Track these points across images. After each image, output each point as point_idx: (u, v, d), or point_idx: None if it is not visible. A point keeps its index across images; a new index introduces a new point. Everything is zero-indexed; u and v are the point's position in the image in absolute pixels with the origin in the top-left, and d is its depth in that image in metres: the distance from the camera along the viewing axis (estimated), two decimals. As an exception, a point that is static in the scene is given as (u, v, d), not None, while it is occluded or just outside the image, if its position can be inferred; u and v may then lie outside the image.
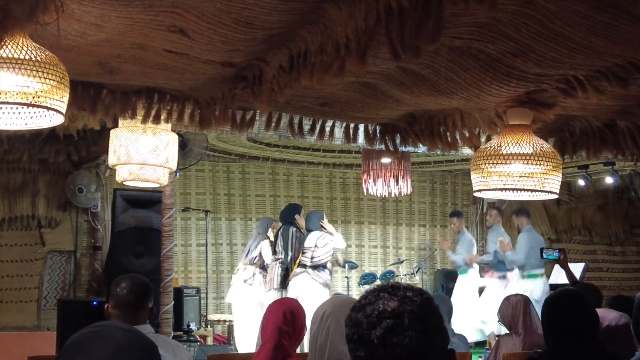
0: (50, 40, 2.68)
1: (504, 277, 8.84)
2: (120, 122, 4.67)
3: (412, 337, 1.43)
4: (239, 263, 8.55)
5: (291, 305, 3.20)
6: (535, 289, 8.29)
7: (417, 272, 10.19)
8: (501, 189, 3.71)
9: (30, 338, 6.93)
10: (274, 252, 8.09)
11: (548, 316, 2.95)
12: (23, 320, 7.85)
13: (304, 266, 7.83)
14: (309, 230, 8.05)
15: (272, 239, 8.21)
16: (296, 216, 8.25)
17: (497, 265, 8.95)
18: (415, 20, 2.34)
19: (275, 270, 7.94)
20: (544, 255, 6.26)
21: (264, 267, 8.15)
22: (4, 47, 2.46)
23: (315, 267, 7.83)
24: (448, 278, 10.17)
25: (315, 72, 2.92)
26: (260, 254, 8.13)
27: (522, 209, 9.12)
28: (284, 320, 3.09)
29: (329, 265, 8.01)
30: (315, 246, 7.85)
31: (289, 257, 7.94)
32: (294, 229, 8.12)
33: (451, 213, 10.03)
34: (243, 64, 3.33)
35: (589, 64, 3.08)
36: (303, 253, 7.87)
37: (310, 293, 7.49)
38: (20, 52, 2.48)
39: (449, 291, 9.50)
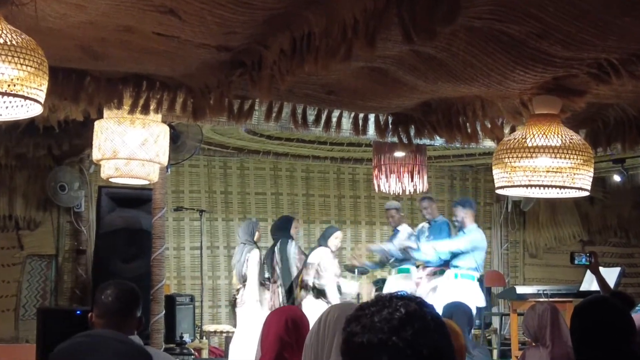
0: (27, 22, 2.69)
1: (442, 272, 8.52)
2: (106, 112, 4.69)
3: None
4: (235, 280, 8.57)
5: (294, 314, 3.21)
6: (470, 291, 8.11)
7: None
8: (526, 186, 3.71)
9: (8, 351, 6.97)
10: (271, 270, 8.06)
11: (578, 325, 2.95)
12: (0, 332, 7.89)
13: (306, 287, 7.82)
14: (318, 244, 8.12)
15: (258, 245, 8.23)
16: (294, 222, 8.29)
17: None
18: (430, -1, 2.35)
19: (278, 293, 7.94)
20: (575, 261, 6.14)
21: (262, 284, 8.10)
22: (-23, 30, 2.48)
23: (319, 292, 7.80)
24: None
25: (320, 57, 2.93)
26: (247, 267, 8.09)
27: (469, 200, 8.82)
28: (285, 329, 3.09)
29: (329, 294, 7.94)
30: (318, 266, 7.80)
31: (292, 276, 7.93)
32: (293, 242, 8.14)
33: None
34: (240, 48, 3.34)
35: (623, 46, 3.08)
36: (305, 267, 7.85)
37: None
38: (-5, 36, 2.50)
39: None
